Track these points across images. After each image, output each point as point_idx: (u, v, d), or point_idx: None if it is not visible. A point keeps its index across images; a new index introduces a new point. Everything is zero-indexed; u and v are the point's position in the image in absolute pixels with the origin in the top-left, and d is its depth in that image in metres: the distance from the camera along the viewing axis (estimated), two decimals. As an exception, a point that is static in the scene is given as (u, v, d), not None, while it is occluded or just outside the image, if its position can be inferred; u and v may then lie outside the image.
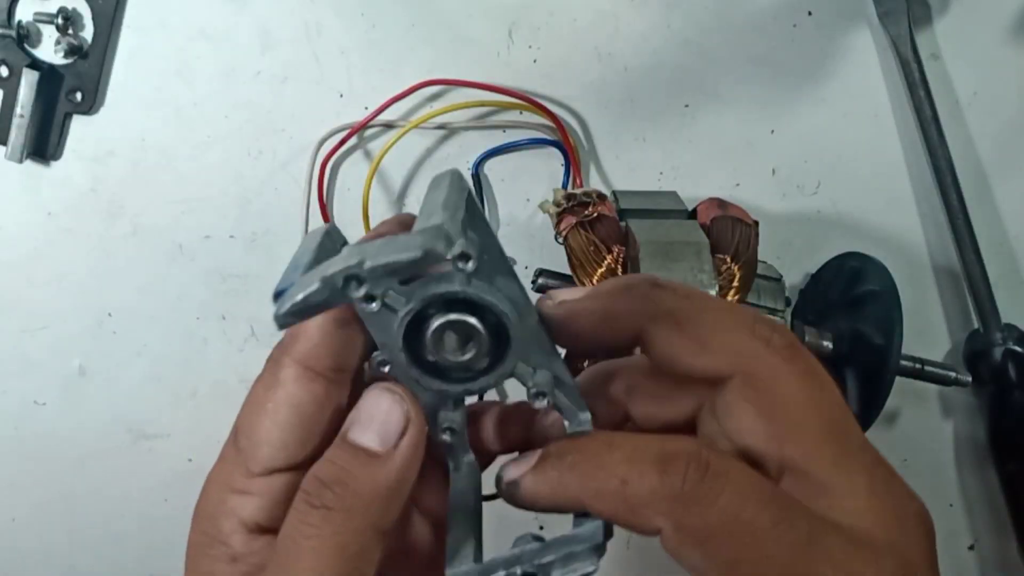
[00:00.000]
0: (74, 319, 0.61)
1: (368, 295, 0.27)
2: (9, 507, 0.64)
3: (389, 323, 0.28)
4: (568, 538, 0.29)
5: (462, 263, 0.26)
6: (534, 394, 0.29)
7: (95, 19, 0.57)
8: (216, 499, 0.30)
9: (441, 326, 0.28)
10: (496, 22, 0.57)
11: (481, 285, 0.27)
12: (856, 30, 0.57)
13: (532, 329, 0.29)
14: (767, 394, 0.27)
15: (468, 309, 0.28)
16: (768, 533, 0.25)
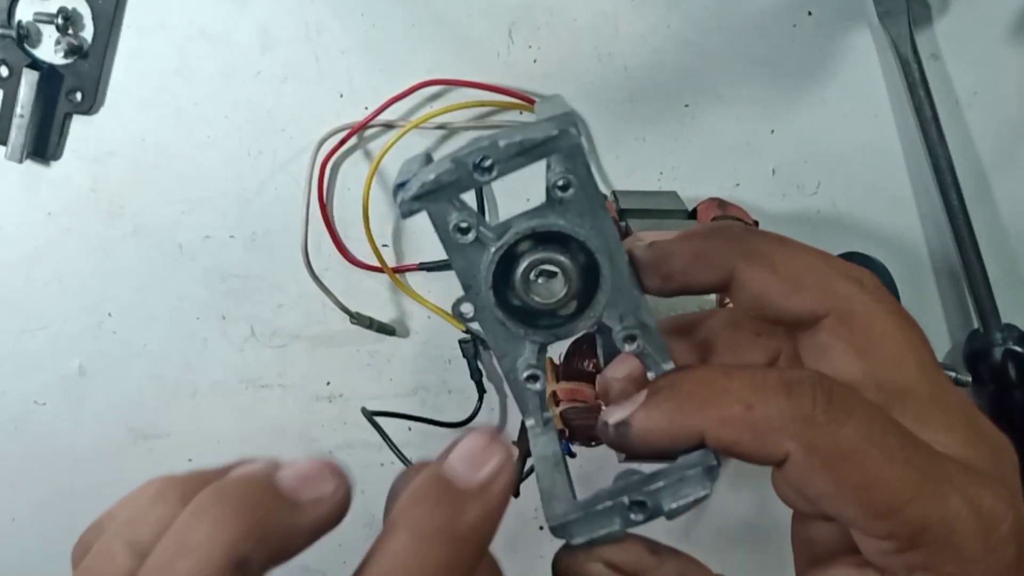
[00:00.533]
0: (74, 319, 0.61)
1: (462, 226, 0.26)
2: (9, 507, 0.64)
3: (479, 260, 0.27)
4: (676, 466, 0.27)
5: (561, 191, 0.26)
6: (624, 337, 0.28)
7: (95, 19, 0.57)
8: None
9: (532, 263, 0.27)
10: (496, 22, 0.57)
11: (576, 220, 0.27)
12: (856, 30, 0.57)
13: (623, 271, 0.28)
14: (863, 333, 0.27)
15: (561, 247, 0.27)
16: (896, 455, 0.25)
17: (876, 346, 0.27)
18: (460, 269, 0.28)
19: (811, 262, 0.28)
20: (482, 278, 0.27)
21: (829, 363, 0.28)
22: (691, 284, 0.29)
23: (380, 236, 0.59)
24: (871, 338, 0.28)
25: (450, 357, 0.61)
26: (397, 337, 0.61)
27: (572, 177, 0.26)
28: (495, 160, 0.25)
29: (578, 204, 0.27)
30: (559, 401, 0.50)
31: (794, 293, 0.28)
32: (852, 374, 0.27)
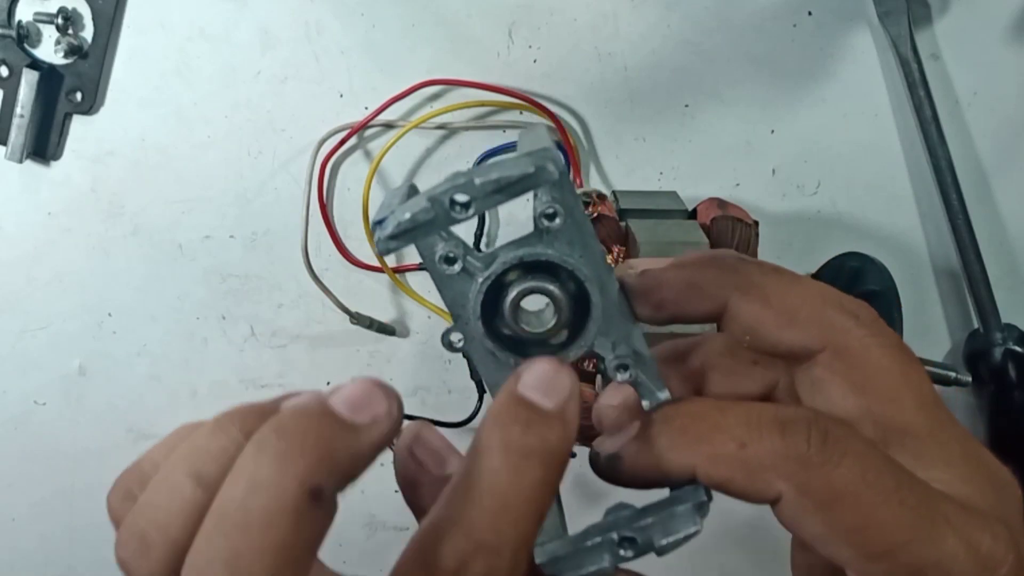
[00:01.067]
0: (74, 319, 0.61)
1: (449, 256, 0.26)
2: (9, 507, 0.64)
3: (466, 290, 0.27)
4: (666, 501, 0.27)
5: (547, 221, 0.25)
6: (616, 366, 0.28)
7: (95, 19, 0.57)
8: None
9: (521, 293, 0.27)
10: (496, 22, 0.57)
11: (564, 248, 0.26)
12: (856, 30, 0.57)
13: (614, 299, 0.28)
14: (860, 368, 0.27)
15: (550, 276, 0.27)
16: (891, 496, 0.25)
17: (872, 382, 0.27)
18: (448, 299, 0.27)
19: (806, 295, 0.28)
20: (470, 308, 0.27)
21: (825, 398, 0.28)
22: (683, 314, 0.29)
23: (380, 236, 0.59)
24: (867, 374, 0.27)
25: (450, 357, 0.61)
26: (397, 337, 0.61)
27: (559, 207, 0.26)
28: (472, 198, 0.25)
29: (566, 233, 0.26)
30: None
31: (788, 327, 0.28)
32: (848, 410, 0.27)
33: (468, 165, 0.58)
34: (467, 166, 0.58)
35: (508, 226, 0.59)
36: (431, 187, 0.26)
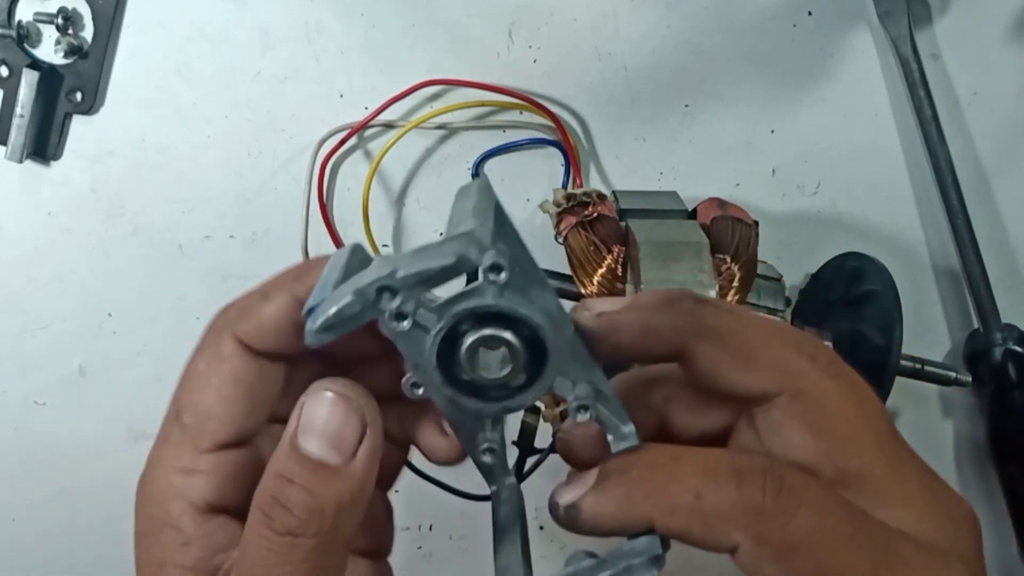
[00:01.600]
0: (74, 319, 0.61)
1: (399, 312, 0.26)
2: (9, 507, 0.65)
3: (421, 343, 0.27)
4: (624, 552, 0.27)
5: (493, 274, 0.25)
6: (576, 407, 0.28)
7: (95, 19, 0.57)
8: (162, 481, 0.29)
9: (475, 343, 0.27)
10: (496, 22, 0.57)
11: (514, 298, 0.26)
12: (856, 30, 0.57)
13: (569, 341, 0.28)
14: (817, 411, 0.27)
15: (502, 324, 0.27)
16: (849, 544, 0.25)
17: (830, 424, 0.27)
18: (405, 352, 0.27)
19: (763, 338, 0.28)
20: (426, 359, 0.27)
21: (783, 440, 0.28)
22: (641, 357, 0.29)
23: (380, 236, 0.59)
24: (824, 416, 0.27)
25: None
26: (397, 337, 0.61)
27: (503, 261, 0.26)
28: (396, 289, 0.25)
29: (516, 282, 0.26)
30: (559, 401, 0.50)
31: (745, 371, 0.28)
32: (807, 453, 0.27)
33: (468, 165, 0.58)
34: (467, 166, 0.58)
35: (508, 226, 0.59)
36: (359, 275, 0.26)
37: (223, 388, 0.29)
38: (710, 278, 0.44)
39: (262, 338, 0.29)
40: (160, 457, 0.29)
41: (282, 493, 0.26)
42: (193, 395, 0.29)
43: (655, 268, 0.44)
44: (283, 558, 0.26)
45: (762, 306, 0.49)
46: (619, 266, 0.46)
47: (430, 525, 0.64)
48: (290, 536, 0.26)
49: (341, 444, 0.27)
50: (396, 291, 0.25)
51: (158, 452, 0.30)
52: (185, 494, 0.29)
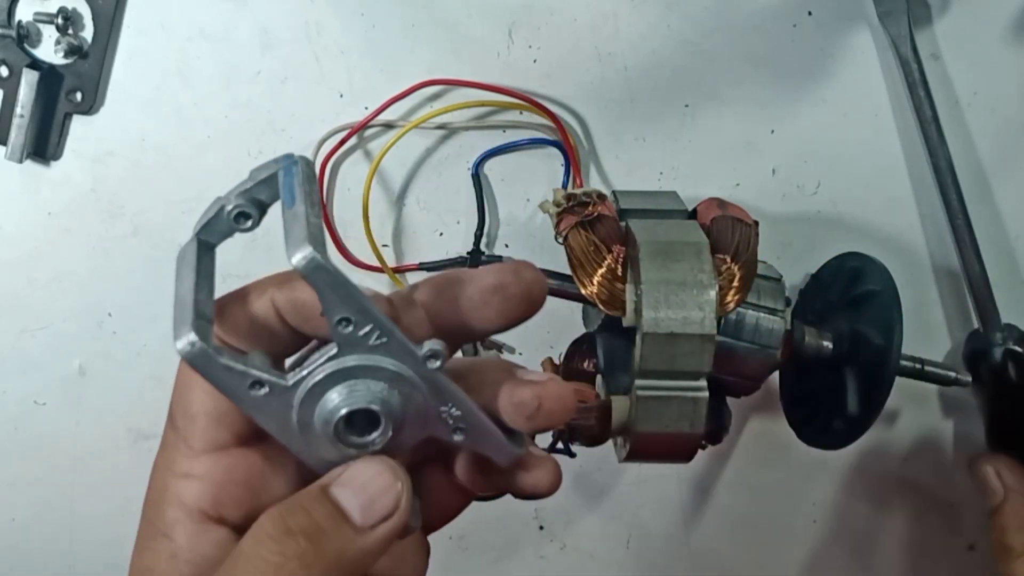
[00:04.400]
0: (74, 319, 0.61)
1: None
2: (9, 507, 0.65)
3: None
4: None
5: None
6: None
7: (95, 19, 0.57)
8: (159, 486, 0.29)
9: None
10: (496, 22, 0.57)
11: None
12: (856, 30, 0.57)
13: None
14: None
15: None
16: None
17: None
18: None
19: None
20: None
21: None
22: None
23: (380, 236, 0.59)
24: None
25: (450, 357, 0.61)
26: (397, 337, 0.61)
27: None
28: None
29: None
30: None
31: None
32: None
33: (468, 165, 0.58)
34: (467, 166, 0.58)
35: (508, 225, 0.60)
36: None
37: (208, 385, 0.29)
38: (710, 278, 0.44)
39: (251, 338, 0.29)
40: (158, 461, 0.30)
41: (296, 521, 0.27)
42: (183, 396, 0.30)
43: (655, 268, 0.43)
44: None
45: (762, 306, 0.49)
46: (619, 266, 0.46)
47: (430, 525, 0.64)
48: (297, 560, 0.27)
49: (369, 510, 0.28)
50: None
51: (158, 457, 0.30)
52: (180, 499, 0.29)
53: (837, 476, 0.64)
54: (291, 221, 0.27)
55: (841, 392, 0.51)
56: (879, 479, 0.64)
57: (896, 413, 0.62)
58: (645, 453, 0.47)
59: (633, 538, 0.64)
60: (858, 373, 0.51)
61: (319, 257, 0.26)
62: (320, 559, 0.27)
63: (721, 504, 0.64)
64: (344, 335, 0.27)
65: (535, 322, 0.62)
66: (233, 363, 0.27)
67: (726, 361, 0.47)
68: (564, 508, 0.64)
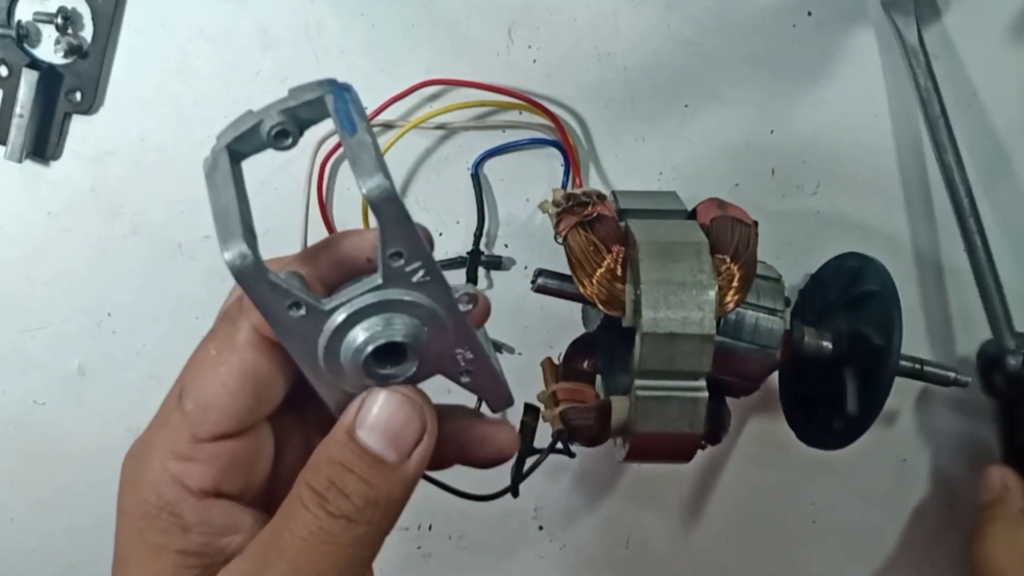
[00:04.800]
0: (74, 319, 0.61)
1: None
2: (9, 507, 0.64)
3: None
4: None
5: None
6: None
7: (95, 19, 0.57)
8: (158, 466, 0.29)
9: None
10: (496, 22, 0.57)
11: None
12: (856, 30, 0.57)
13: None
14: None
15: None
16: None
17: None
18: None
19: None
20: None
21: None
22: None
23: (380, 236, 0.59)
24: None
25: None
26: (397, 337, 0.61)
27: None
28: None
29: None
30: (559, 401, 0.50)
31: None
32: None
33: (468, 165, 0.58)
34: (467, 166, 0.58)
35: (508, 225, 0.60)
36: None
37: (230, 379, 0.29)
38: (710, 278, 0.44)
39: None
40: (156, 440, 0.30)
41: (340, 479, 0.28)
42: (199, 382, 0.29)
43: (655, 268, 0.43)
44: (332, 538, 0.28)
45: (762, 306, 0.49)
46: (619, 266, 0.46)
47: (430, 525, 0.64)
48: (344, 520, 0.28)
49: (400, 443, 0.29)
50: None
51: (155, 434, 0.30)
52: (181, 480, 0.29)
53: (837, 476, 0.64)
54: (358, 149, 0.27)
55: (841, 392, 0.51)
56: (879, 479, 0.64)
57: (896, 413, 0.62)
58: (645, 453, 0.47)
59: (633, 538, 0.64)
60: (858, 373, 0.51)
61: (391, 187, 0.27)
62: (370, 509, 0.28)
63: (721, 504, 0.64)
64: (392, 268, 0.27)
65: (535, 322, 0.62)
66: (279, 280, 0.27)
67: (726, 361, 0.47)
68: (564, 508, 0.64)
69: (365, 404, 0.29)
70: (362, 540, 0.28)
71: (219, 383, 0.29)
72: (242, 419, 0.29)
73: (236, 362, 0.29)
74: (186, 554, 0.29)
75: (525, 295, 0.59)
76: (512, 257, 0.60)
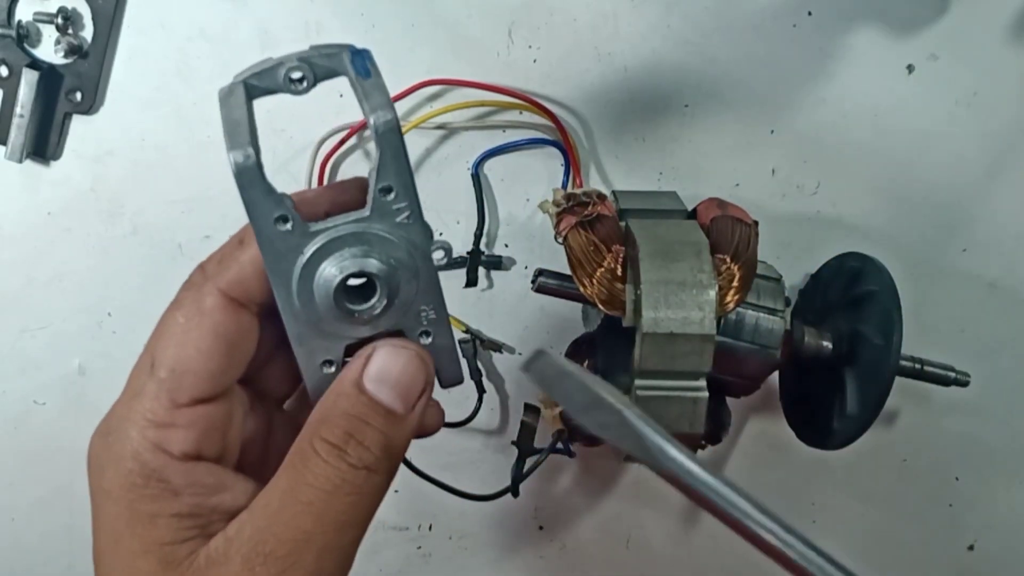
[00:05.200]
0: (74, 319, 0.61)
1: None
2: (9, 507, 0.65)
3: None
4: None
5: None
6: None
7: (95, 19, 0.57)
8: (136, 436, 0.29)
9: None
10: (496, 22, 0.57)
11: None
12: (856, 30, 0.57)
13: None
14: None
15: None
16: None
17: None
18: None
19: None
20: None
21: None
22: None
23: (380, 236, 0.59)
24: None
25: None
26: (397, 337, 0.61)
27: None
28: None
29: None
30: (559, 401, 0.50)
31: None
32: None
33: (468, 165, 0.58)
34: (467, 166, 0.58)
35: (508, 225, 0.59)
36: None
37: (202, 342, 0.30)
38: (710, 278, 0.44)
39: (244, 284, 0.30)
40: (131, 411, 0.30)
41: (359, 431, 0.29)
42: (171, 349, 0.30)
43: (655, 268, 0.44)
44: (356, 488, 0.29)
45: (762, 306, 0.49)
46: (619, 266, 0.46)
47: (430, 525, 0.64)
48: (366, 470, 0.29)
49: (408, 396, 0.30)
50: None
51: (128, 406, 0.30)
52: (163, 447, 0.29)
53: (837, 476, 0.64)
54: (371, 88, 0.29)
55: (841, 392, 0.51)
56: (879, 479, 0.64)
57: (896, 413, 0.62)
58: (645, 453, 0.47)
59: (633, 538, 0.64)
60: (858, 373, 0.51)
61: (397, 121, 0.28)
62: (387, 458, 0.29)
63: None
64: (381, 203, 0.28)
65: (535, 322, 0.62)
66: (274, 187, 0.28)
67: (726, 361, 0.47)
68: (564, 508, 0.64)
69: (373, 358, 0.30)
70: (379, 488, 0.30)
71: (192, 347, 0.30)
72: (217, 381, 0.30)
73: (208, 326, 0.30)
74: (181, 516, 0.29)
75: (525, 295, 0.59)
76: (512, 257, 0.60)
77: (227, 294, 0.30)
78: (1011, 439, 0.62)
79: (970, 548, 0.65)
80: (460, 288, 0.59)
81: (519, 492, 0.56)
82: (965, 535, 0.64)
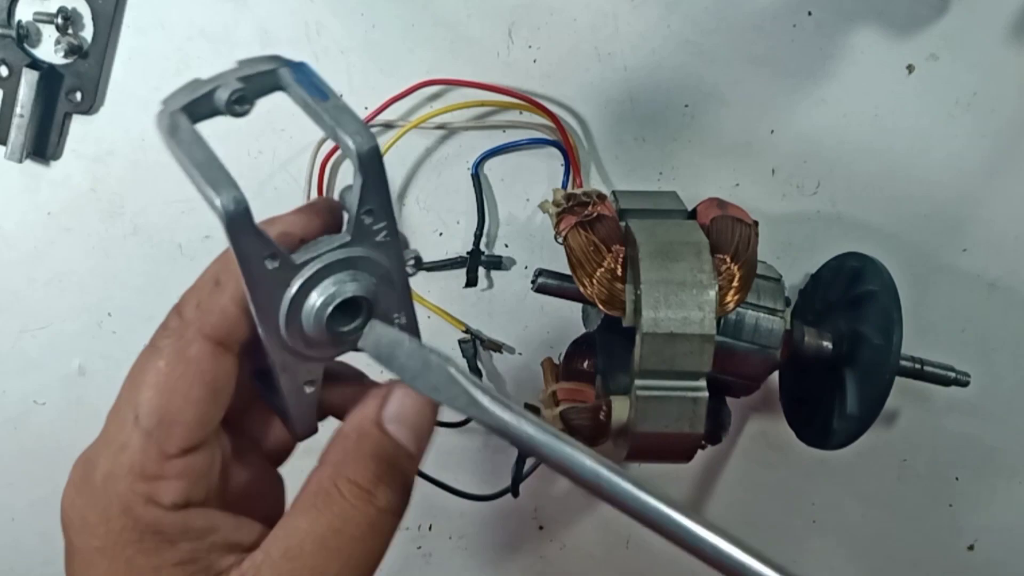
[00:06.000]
0: (74, 319, 0.61)
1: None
2: (9, 507, 0.65)
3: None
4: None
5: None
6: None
7: (95, 19, 0.57)
8: (125, 491, 0.29)
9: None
10: (496, 22, 0.57)
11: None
12: (856, 30, 0.57)
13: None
14: None
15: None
16: None
17: None
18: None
19: None
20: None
21: None
22: None
23: (380, 236, 0.59)
24: None
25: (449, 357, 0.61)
26: (397, 337, 0.61)
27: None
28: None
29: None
30: (559, 401, 0.50)
31: None
32: None
33: (468, 165, 0.58)
34: (467, 166, 0.58)
35: (508, 225, 0.59)
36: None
37: (191, 392, 0.29)
38: (710, 278, 0.44)
39: (228, 326, 0.29)
40: (117, 464, 0.29)
41: (387, 474, 0.29)
42: (155, 399, 0.29)
43: (655, 268, 0.44)
44: (381, 532, 0.29)
45: (762, 306, 0.49)
46: (619, 266, 0.46)
47: (430, 525, 0.64)
48: (390, 514, 0.29)
49: (421, 437, 0.31)
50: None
51: (114, 460, 0.30)
52: (155, 499, 0.29)
53: (837, 476, 0.64)
54: (337, 112, 0.28)
55: (841, 392, 0.51)
56: (879, 479, 0.64)
57: (896, 413, 0.62)
58: (644, 453, 0.47)
59: (633, 538, 0.64)
60: (858, 373, 0.51)
61: (378, 146, 0.27)
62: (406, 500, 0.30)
63: (721, 504, 0.64)
64: (363, 226, 0.28)
65: (535, 322, 0.62)
66: (263, 228, 0.28)
67: (726, 361, 0.47)
68: (564, 508, 0.64)
69: (391, 399, 0.30)
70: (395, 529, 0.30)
71: (180, 397, 0.29)
72: (205, 428, 0.29)
73: (194, 374, 0.29)
74: (183, 564, 0.29)
75: (525, 295, 0.59)
76: (512, 257, 0.60)
77: (211, 338, 0.29)
78: (1011, 439, 0.62)
79: (970, 548, 0.65)
80: (460, 288, 0.59)
81: (519, 492, 0.56)
82: (965, 535, 0.64)
